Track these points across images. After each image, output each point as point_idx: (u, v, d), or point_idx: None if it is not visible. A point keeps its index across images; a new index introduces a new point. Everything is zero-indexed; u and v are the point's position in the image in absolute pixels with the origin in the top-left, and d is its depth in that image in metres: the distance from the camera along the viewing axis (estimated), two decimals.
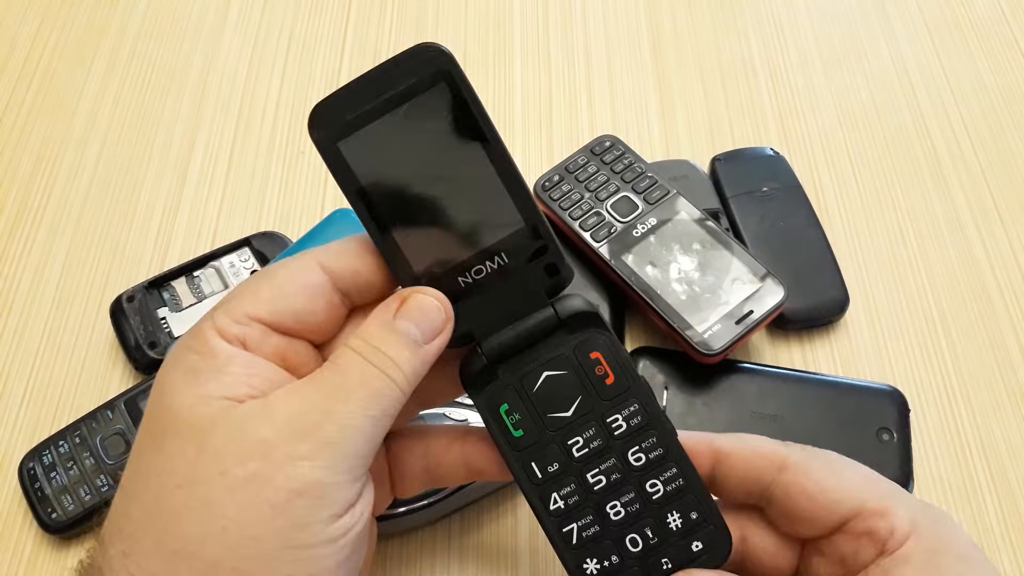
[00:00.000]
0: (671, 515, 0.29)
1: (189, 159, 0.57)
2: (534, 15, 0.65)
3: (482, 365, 0.29)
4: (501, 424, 0.29)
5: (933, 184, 0.56)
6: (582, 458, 0.29)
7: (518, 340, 0.29)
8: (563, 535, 0.29)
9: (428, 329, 0.28)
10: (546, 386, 0.29)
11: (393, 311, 0.28)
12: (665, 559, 0.29)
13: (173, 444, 0.26)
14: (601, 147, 0.52)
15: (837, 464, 0.30)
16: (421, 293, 0.29)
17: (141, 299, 0.48)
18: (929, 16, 0.65)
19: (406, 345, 0.28)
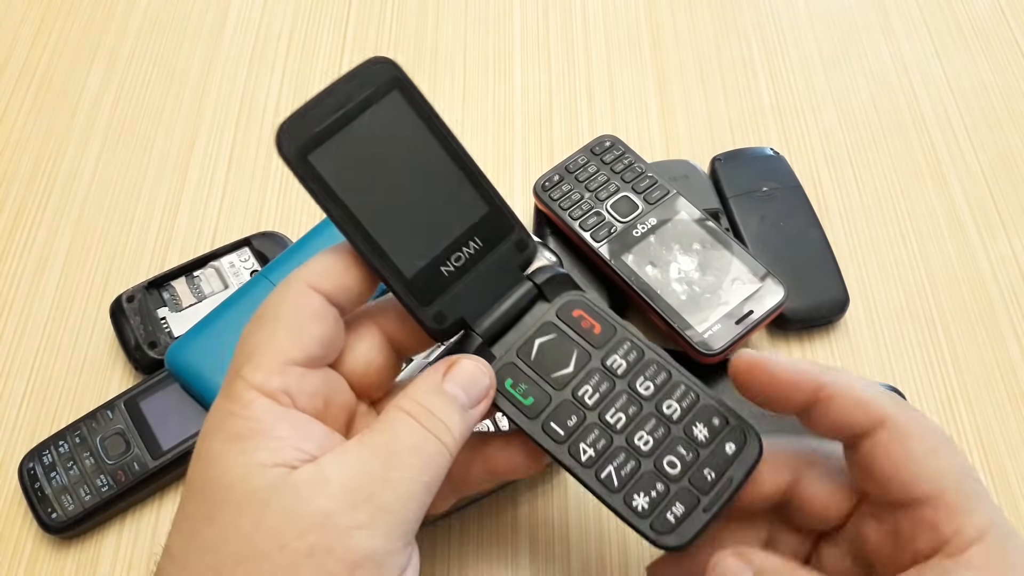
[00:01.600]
0: (696, 427, 0.30)
1: (189, 159, 0.57)
2: (534, 15, 0.65)
3: (478, 345, 0.31)
4: (511, 398, 0.30)
5: (933, 184, 0.56)
6: (595, 403, 0.30)
7: (506, 316, 0.31)
8: (604, 482, 0.30)
9: (475, 394, 0.29)
10: (542, 352, 0.31)
11: (441, 375, 0.29)
12: (707, 469, 0.30)
13: (227, 517, 0.25)
14: (601, 147, 0.52)
15: (934, 441, 0.28)
16: (468, 359, 0.30)
17: (141, 299, 0.48)
18: (929, 16, 0.65)
19: (456, 409, 0.28)
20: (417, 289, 0.30)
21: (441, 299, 0.30)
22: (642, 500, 0.29)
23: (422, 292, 0.30)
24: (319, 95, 0.29)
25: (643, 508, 0.29)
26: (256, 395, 0.27)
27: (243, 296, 0.46)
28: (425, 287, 0.30)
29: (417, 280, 0.30)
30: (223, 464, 0.26)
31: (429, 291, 0.30)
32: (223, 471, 0.26)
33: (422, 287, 0.30)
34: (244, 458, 0.26)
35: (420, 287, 0.30)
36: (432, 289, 0.30)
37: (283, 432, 0.27)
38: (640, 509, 0.29)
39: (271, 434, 0.26)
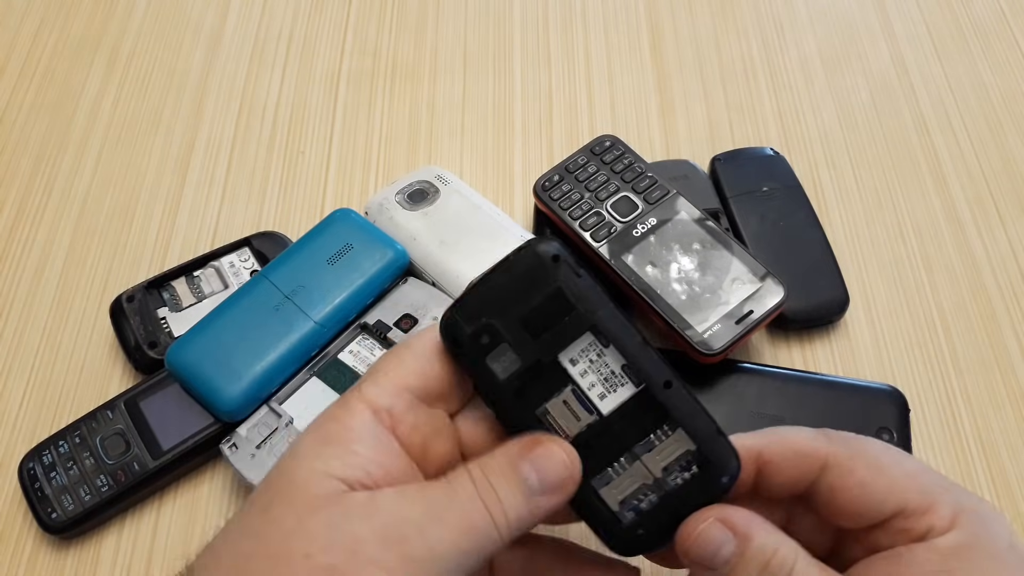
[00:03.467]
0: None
1: (189, 159, 0.57)
2: (534, 15, 0.65)
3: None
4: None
5: (933, 184, 0.56)
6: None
7: None
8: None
9: (549, 483, 0.28)
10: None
11: (520, 450, 0.28)
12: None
13: (278, 511, 0.26)
14: (601, 147, 0.52)
15: (882, 459, 0.28)
16: (554, 443, 0.28)
17: (141, 299, 0.48)
18: (929, 16, 0.65)
19: (521, 492, 0.27)
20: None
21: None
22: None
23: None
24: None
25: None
26: (362, 407, 0.28)
27: (243, 296, 0.46)
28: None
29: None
30: (299, 461, 0.27)
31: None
32: (295, 468, 0.27)
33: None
34: (319, 463, 0.27)
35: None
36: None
37: (364, 449, 0.27)
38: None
39: (351, 446, 0.27)
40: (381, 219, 0.51)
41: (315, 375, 0.45)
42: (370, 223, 0.49)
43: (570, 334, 0.29)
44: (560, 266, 0.29)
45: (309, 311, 0.45)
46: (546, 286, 0.29)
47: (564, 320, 0.29)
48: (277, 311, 0.45)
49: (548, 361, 0.29)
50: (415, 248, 0.49)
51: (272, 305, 0.45)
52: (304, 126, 0.59)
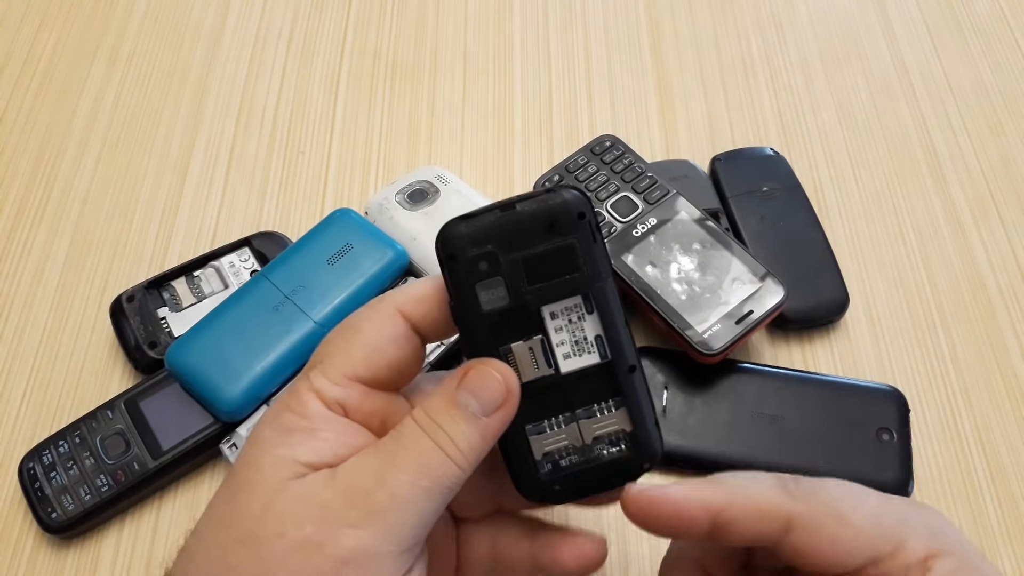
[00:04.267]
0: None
1: (189, 159, 0.57)
2: (534, 15, 0.65)
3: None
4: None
5: (933, 184, 0.56)
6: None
7: None
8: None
9: (488, 401, 0.28)
10: None
11: (457, 381, 0.28)
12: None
13: (244, 498, 0.26)
14: (601, 147, 0.52)
15: (845, 509, 0.27)
16: (483, 364, 0.28)
17: (141, 299, 0.48)
18: (929, 16, 0.65)
19: (464, 418, 0.27)
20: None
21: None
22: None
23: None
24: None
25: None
26: (313, 397, 0.28)
27: (243, 296, 0.46)
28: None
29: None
30: (264, 450, 0.27)
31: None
32: (260, 455, 0.27)
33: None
34: (285, 450, 0.27)
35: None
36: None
37: (327, 434, 0.27)
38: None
39: (316, 433, 0.27)
40: (381, 219, 0.51)
41: None
42: (370, 223, 0.49)
43: (563, 291, 0.29)
44: (583, 225, 0.29)
45: (309, 311, 0.45)
46: (561, 238, 0.29)
47: (564, 276, 0.29)
48: (277, 311, 0.45)
49: (532, 308, 0.29)
50: (415, 248, 0.49)
51: (272, 305, 0.45)
52: (304, 126, 0.59)
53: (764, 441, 0.44)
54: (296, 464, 0.26)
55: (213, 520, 0.27)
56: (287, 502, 0.26)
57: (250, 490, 0.26)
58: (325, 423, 0.28)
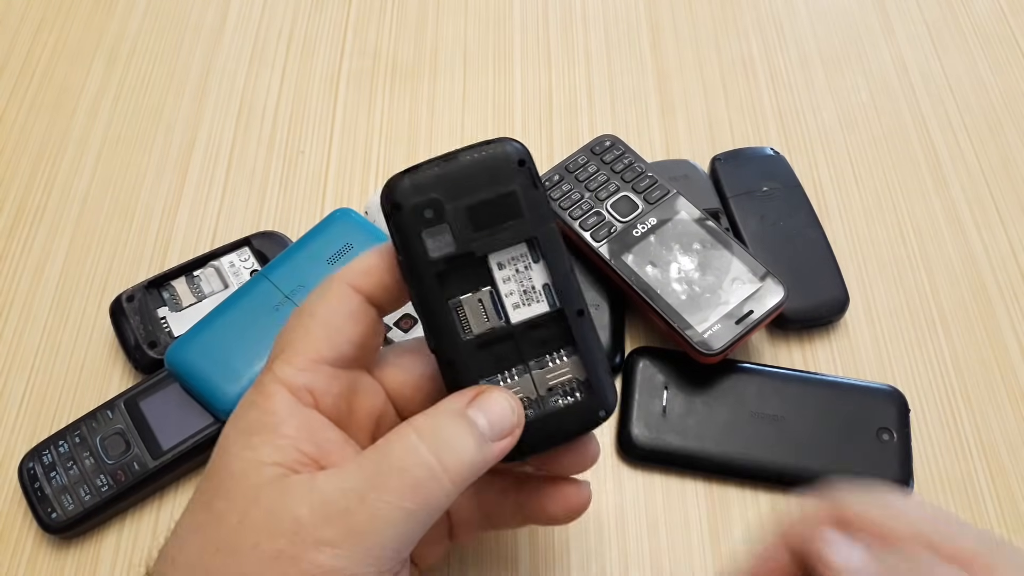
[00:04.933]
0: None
1: (189, 159, 0.57)
2: (534, 15, 0.65)
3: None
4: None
5: (933, 184, 0.56)
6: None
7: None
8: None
9: (499, 426, 0.27)
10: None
11: (467, 400, 0.28)
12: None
13: (221, 506, 0.26)
14: (601, 147, 0.52)
15: None
16: (498, 390, 0.28)
17: (141, 299, 0.48)
18: (929, 16, 0.65)
19: (471, 433, 0.27)
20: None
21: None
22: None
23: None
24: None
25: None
26: (279, 388, 0.27)
27: (243, 296, 0.46)
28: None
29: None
30: (231, 454, 0.27)
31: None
32: (230, 460, 0.27)
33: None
34: (249, 452, 0.26)
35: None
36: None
37: (291, 430, 0.27)
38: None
39: (280, 430, 0.27)
40: (381, 219, 0.50)
41: None
42: (370, 223, 0.49)
43: (508, 239, 0.29)
44: (522, 171, 0.30)
45: None
46: (503, 186, 0.29)
47: (508, 223, 0.29)
48: (277, 311, 0.45)
49: (479, 256, 0.29)
50: None
51: (272, 305, 0.45)
52: (304, 126, 0.59)
53: (764, 441, 0.44)
54: (263, 466, 0.26)
55: (192, 525, 0.27)
56: (261, 513, 0.25)
57: (225, 498, 0.26)
58: (288, 417, 0.27)
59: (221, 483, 0.27)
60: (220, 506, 0.26)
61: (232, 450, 0.27)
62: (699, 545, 0.43)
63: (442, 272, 0.29)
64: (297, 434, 0.27)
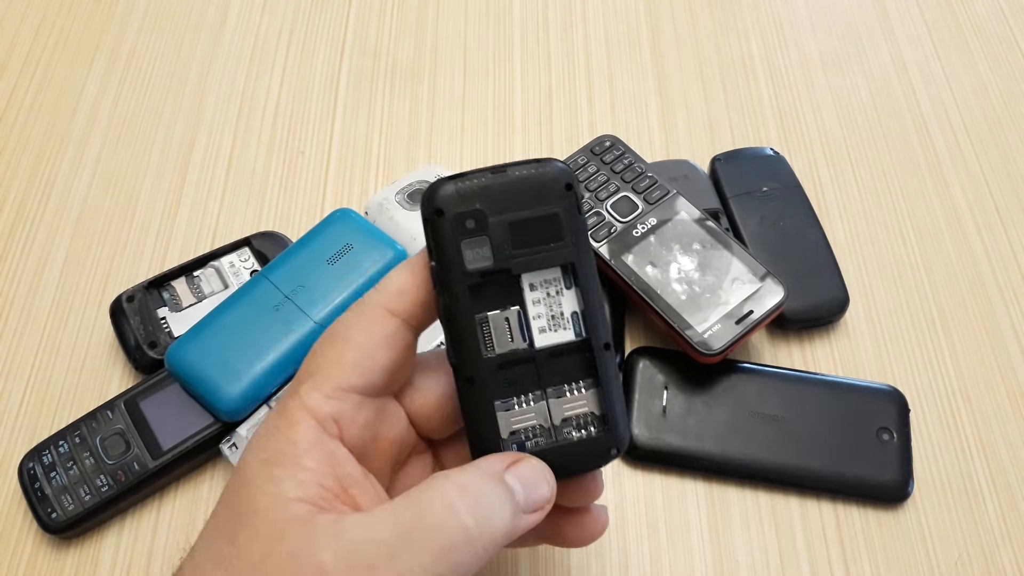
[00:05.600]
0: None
1: (189, 159, 0.57)
2: (534, 15, 0.65)
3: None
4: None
5: (933, 184, 0.56)
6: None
7: None
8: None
9: (534, 499, 0.27)
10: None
11: (505, 465, 0.27)
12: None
13: (244, 541, 0.25)
14: (601, 147, 0.52)
15: None
16: (537, 461, 0.27)
17: (141, 299, 0.48)
18: (929, 16, 0.65)
19: (508, 504, 0.26)
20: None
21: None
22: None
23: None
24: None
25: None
26: (305, 416, 0.27)
27: (243, 296, 0.46)
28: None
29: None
30: (254, 486, 0.26)
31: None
32: (253, 493, 0.26)
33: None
34: (272, 486, 0.26)
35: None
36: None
37: (312, 463, 0.26)
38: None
39: (301, 462, 0.26)
40: (381, 219, 0.51)
41: None
42: (370, 223, 0.49)
43: (544, 261, 0.29)
44: (569, 195, 0.29)
45: (309, 311, 0.45)
46: (547, 207, 0.29)
47: (547, 245, 0.29)
48: (277, 311, 0.45)
49: (515, 274, 0.29)
50: (415, 248, 0.49)
51: (272, 305, 0.45)
52: (304, 126, 0.59)
53: (764, 441, 0.44)
54: (287, 502, 0.25)
55: (213, 556, 0.26)
56: (285, 554, 0.25)
57: (250, 533, 0.25)
58: (311, 448, 0.26)
59: (244, 517, 0.26)
60: (243, 541, 0.25)
61: (255, 482, 0.26)
62: (699, 545, 0.43)
63: (477, 285, 0.28)
64: (319, 467, 0.26)
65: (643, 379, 0.46)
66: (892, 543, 0.43)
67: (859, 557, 0.43)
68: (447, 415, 0.31)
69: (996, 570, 0.43)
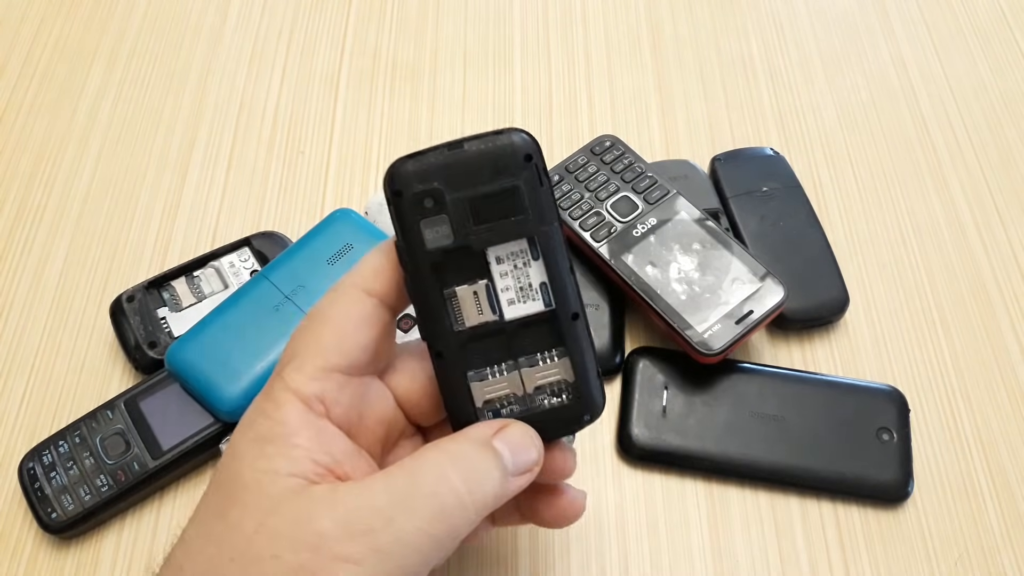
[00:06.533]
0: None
1: (189, 159, 0.57)
2: (534, 15, 0.65)
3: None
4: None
5: (933, 184, 0.56)
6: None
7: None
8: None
9: (521, 462, 0.28)
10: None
11: (493, 431, 0.28)
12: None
13: (236, 514, 0.26)
14: (601, 147, 0.52)
15: None
16: (523, 426, 0.28)
17: (141, 299, 0.48)
18: (929, 16, 0.65)
19: (496, 468, 0.27)
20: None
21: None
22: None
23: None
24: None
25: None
26: (290, 397, 0.27)
27: (243, 296, 0.46)
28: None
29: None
30: (244, 463, 0.26)
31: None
32: (242, 470, 0.26)
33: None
34: (263, 462, 0.26)
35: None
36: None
37: (303, 440, 0.27)
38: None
39: (292, 440, 0.26)
40: (381, 219, 0.51)
41: None
42: (370, 223, 0.49)
43: (508, 233, 0.29)
44: (528, 167, 0.29)
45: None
46: (507, 180, 0.28)
47: (509, 219, 0.29)
48: (277, 311, 0.45)
49: (477, 250, 0.29)
50: None
51: (272, 305, 0.45)
52: (304, 126, 0.59)
53: (764, 441, 0.44)
54: (278, 477, 0.26)
55: (202, 534, 0.26)
56: (282, 524, 0.25)
57: (241, 507, 0.26)
58: (300, 427, 0.27)
59: (234, 492, 0.26)
60: (234, 515, 0.26)
61: (245, 459, 0.26)
62: (699, 545, 0.43)
63: (438, 263, 0.29)
64: (310, 444, 0.27)
65: (643, 379, 0.46)
66: (892, 543, 0.43)
67: (859, 557, 0.43)
68: (434, 399, 0.31)
69: (996, 570, 0.43)
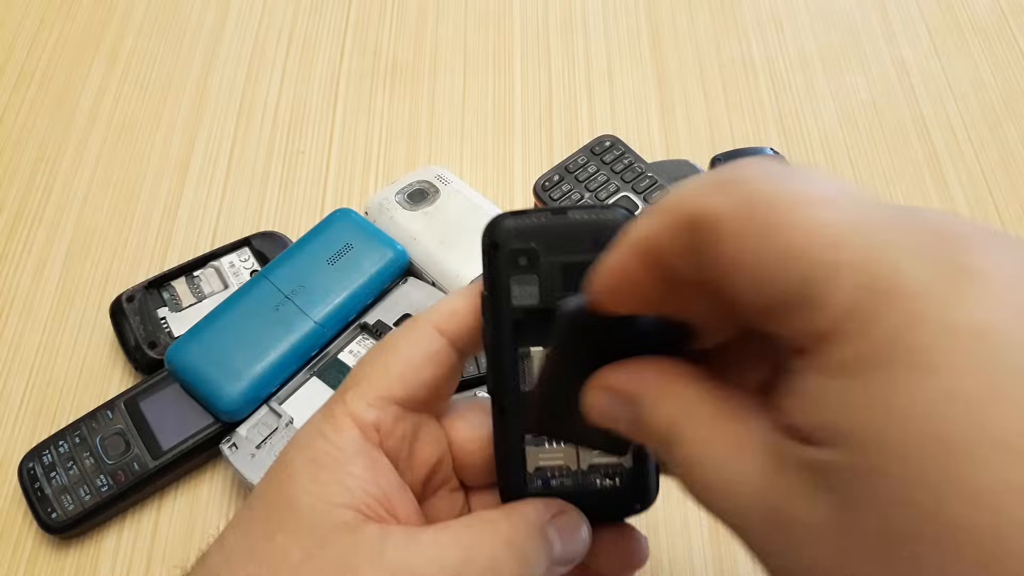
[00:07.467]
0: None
1: (189, 159, 0.57)
2: (534, 15, 0.65)
3: None
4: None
5: (933, 184, 0.56)
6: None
7: None
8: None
9: (569, 553, 0.28)
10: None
11: (550, 514, 0.27)
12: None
13: (283, 540, 0.26)
14: (601, 147, 0.52)
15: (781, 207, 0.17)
16: (579, 514, 0.28)
17: (141, 299, 0.48)
18: (929, 16, 0.65)
19: (547, 555, 0.27)
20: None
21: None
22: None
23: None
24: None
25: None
26: (349, 423, 0.27)
27: (243, 296, 0.46)
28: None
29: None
30: (298, 485, 0.26)
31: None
32: (296, 493, 0.26)
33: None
34: (318, 488, 0.26)
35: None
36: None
37: (358, 469, 0.27)
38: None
39: (347, 468, 0.27)
40: (381, 219, 0.51)
41: (315, 375, 0.45)
42: (370, 223, 0.49)
43: None
44: None
45: (309, 311, 0.45)
46: (603, 252, 0.29)
47: None
48: (277, 311, 0.45)
49: (559, 314, 0.29)
50: (415, 248, 0.49)
51: (272, 305, 0.45)
52: (304, 126, 0.59)
53: None
54: (332, 507, 0.26)
55: (245, 548, 0.26)
56: (328, 563, 0.25)
57: (291, 533, 0.26)
58: (356, 455, 0.27)
59: (284, 516, 0.26)
60: (281, 540, 0.26)
61: (299, 481, 0.26)
62: (699, 545, 0.43)
63: (520, 320, 0.29)
64: (364, 474, 0.27)
65: None
66: None
67: None
68: (487, 455, 0.31)
69: None
